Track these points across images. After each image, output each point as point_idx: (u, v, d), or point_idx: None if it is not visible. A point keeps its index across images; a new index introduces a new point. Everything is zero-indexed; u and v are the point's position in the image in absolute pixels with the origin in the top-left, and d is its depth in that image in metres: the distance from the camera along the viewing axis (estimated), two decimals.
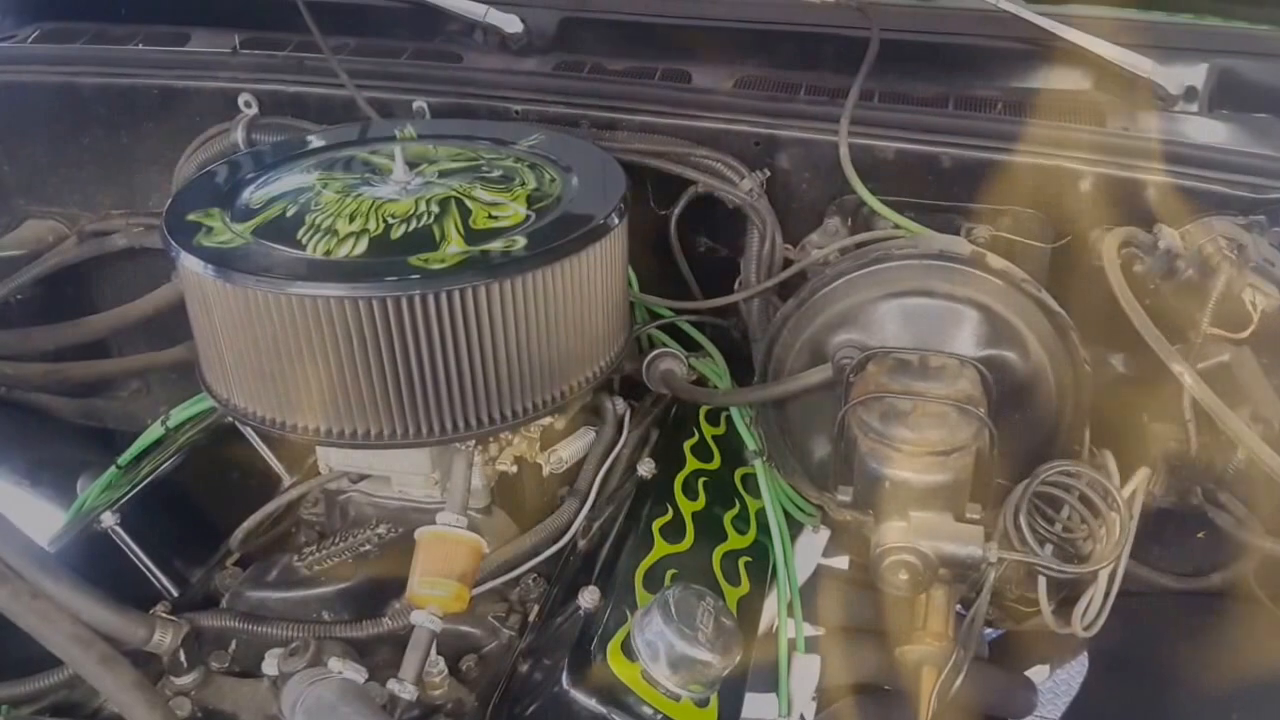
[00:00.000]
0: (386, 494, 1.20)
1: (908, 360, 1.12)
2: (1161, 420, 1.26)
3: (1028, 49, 1.51)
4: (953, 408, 1.04)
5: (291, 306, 0.99)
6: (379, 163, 1.26)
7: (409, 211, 1.11)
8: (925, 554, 1.00)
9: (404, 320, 1.00)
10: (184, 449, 1.37)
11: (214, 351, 1.10)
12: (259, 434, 1.31)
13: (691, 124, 1.48)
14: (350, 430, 1.06)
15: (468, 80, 1.59)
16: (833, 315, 1.23)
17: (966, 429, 1.04)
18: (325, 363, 1.02)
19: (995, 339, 1.18)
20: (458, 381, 1.05)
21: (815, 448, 1.30)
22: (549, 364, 1.10)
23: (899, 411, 1.05)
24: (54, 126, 1.74)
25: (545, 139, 1.35)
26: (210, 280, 1.03)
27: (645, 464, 1.27)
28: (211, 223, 1.11)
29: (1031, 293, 1.17)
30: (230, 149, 1.57)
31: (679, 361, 1.38)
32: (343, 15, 1.73)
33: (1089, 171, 1.32)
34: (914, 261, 1.20)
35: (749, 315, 1.48)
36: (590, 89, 1.55)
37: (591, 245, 1.10)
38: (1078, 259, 1.34)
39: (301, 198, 1.16)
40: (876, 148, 1.39)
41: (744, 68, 1.61)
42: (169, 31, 1.78)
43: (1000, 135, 1.36)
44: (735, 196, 1.44)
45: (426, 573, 1.01)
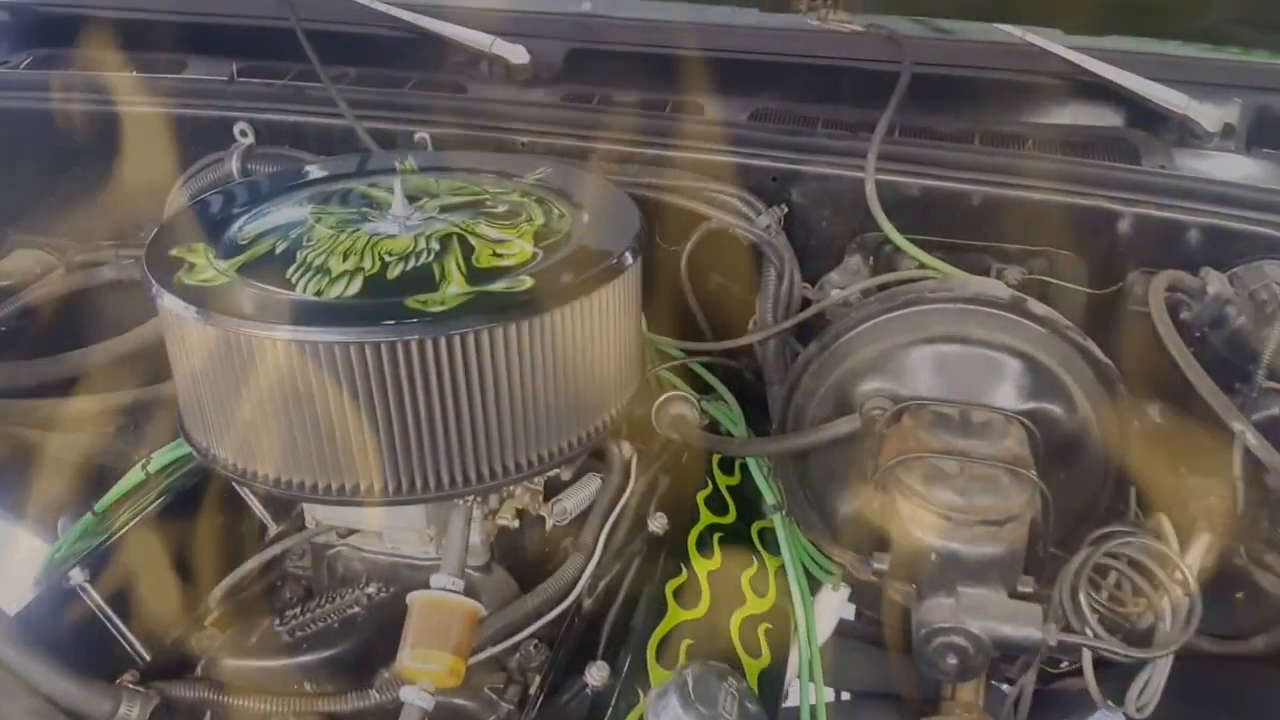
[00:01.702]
0: (377, 549, 1.12)
1: (948, 414, 1.02)
2: (1201, 474, 1.17)
3: (1055, 84, 1.44)
4: (1004, 470, 0.94)
5: (277, 352, 0.90)
6: (377, 196, 1.17)
7: (408, 249, 1.02)
8: (976, 636, 0.89)
9: (400, 367, 0.91)
10: (165, 495, 1.27)
11: (193, 397, 1.01)
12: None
13: (706, 158, 1.40)
14: (340, 485, 0.96)
15: (472, 111, 1.52)
16: (860, 361, 1.13)
17: (1020, 494, 0.93)
18: (313, 413, 0.93)
19: (1038, 391, 1.09)
20: (458, 433, 0.96)
21: (840, 503, 1.20)
22: (557, 413, 1.01)
23: (944, 474, 0.95)
24: (44, 154, 1.68)
25: (553, 172, 1.26)
26: (190, 321, 0.94)
27: (657, 518, 1.17)
28: (194, 259, 1.02)
29: (1076, 341, 1.08)
30: (224, 179, 1.49)
31: (690, 406, 1.29)
32: (344, 45, 1.67)
33: (1127, 211, 1.24)
34: (948, 305, 1.11)
35: (764, 357, 1.40)
36: (599, 121, 1.48)
37: (604, 286, 1.01)
38: (1112, 303, 1.25)
39: (293, 233, 1.07)
40: (901, 184, 1.31)
41: (758, 100, 1.54)
42: (165, 59, 1.73)
43: (1032, 172, 1.29)
44: (751, 233, 1.35)
45: (418, 644, 0.92)
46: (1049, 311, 1.11)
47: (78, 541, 1.26)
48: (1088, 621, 0.92)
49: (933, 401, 1.06)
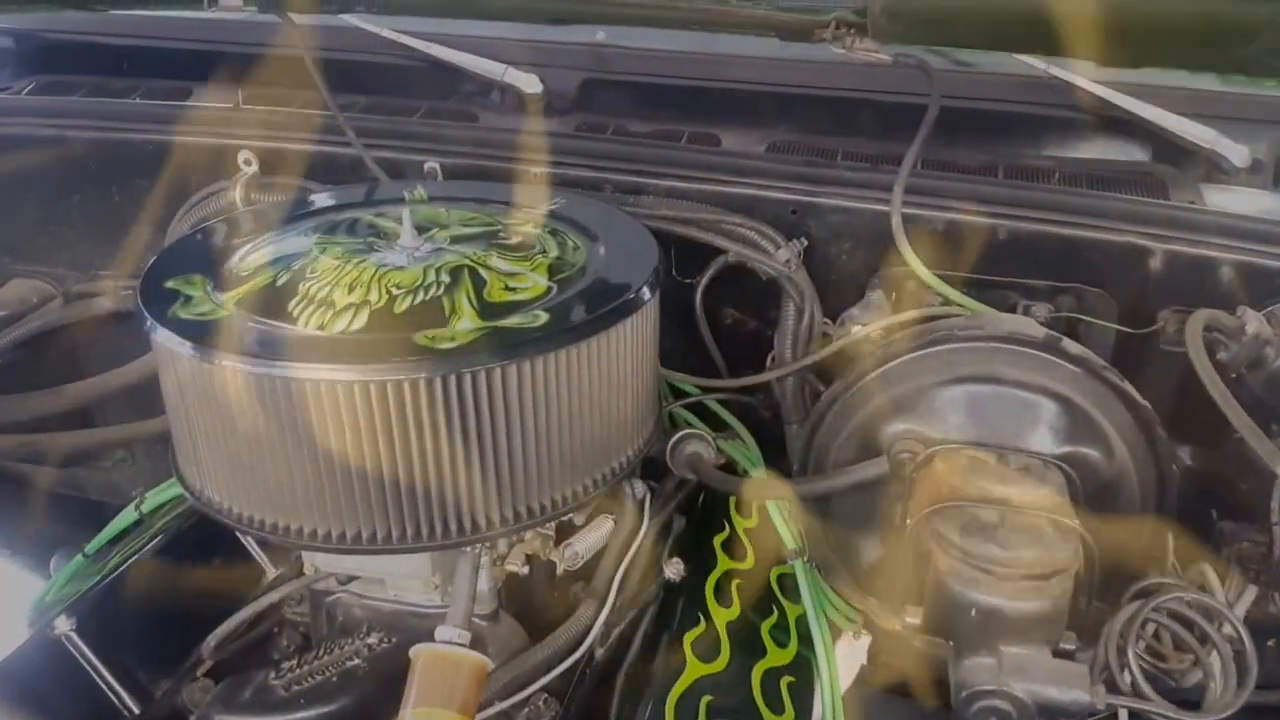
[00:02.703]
0: (380, 597, 1.06)
1: (983, 459, 0.96)
2: (1233, 519, 1.13)
3: (1078, 117, 1.41)
4: (1047, 521, 0.88)
5: (275, 390, 0.85)
6: (385, 226, 1.12)
7: (416, 281, 0.97)
8: (1021, 700, 0.83)
9: (407, 407, 0.86)
10: (158, 537, 1.22)
11: (188, 437, 0.95)
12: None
13: (723, 189, 1.36)
14: (341, 533, 0.91)
15: (484, 141, 1.48)
16: (887, 401, 1.08)
17: (1065, 546, 0.88)
18: (314, 455, 0.87)
19: (1075, 434, 1.03)
20: (467, 477, 0.90)
21: (864, 549, 1.14)
22: (571, 455, 0.96)
23: (984, 524, 0.89)
24: (44, 182, 1.65)
25: (567, 203, 1.21)
26: (184, 357, 0.89)
27: (673, 564, 1.11)
28: (192, 290, 0.96)
29: (1113, 382, 1.03)
30: (227, 208, 1.45)
31: (706, 444, 1.23)
32: (353, 73, 1.63)
33: (1159, 248, 1.20)
34: (979, 343, 1.06)
35: (782, 395, 1.35)
36: (613, 151, 1.44)
37: (621, 322, 0.96)
38: (1141, 342, 1.20)
39: (296, 264, 1.02)
40: (925, 218, 1.26)
41: (775, 132, 1.51)
42: (170, 86, 1.71)
43: (1060, 207, 1.25)
44: (770, 267, 1.30)
45: (421, 702, 0.86)
46: (1084, 351, 1.06)
47: (67, 585, 1.23)
48: (1138, 682, 0.85)
49: (966, 444, 1.00)
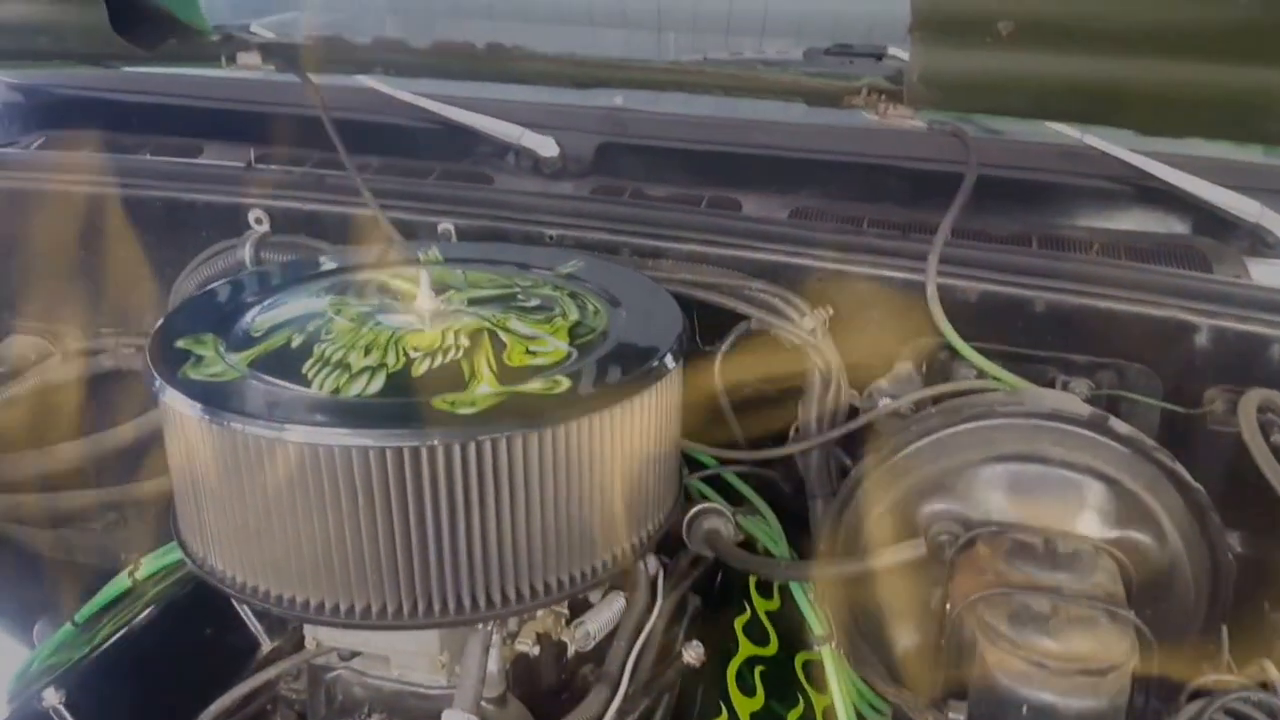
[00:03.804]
0: (383, 675, 1.03)
1: (1029, 543, 0.94)
2: None
3: (1115, 188, 1.41)
4: (1103, 611, 0.85)
5: (289, 454, 0.84)
6: (401, 288, 1.12)
7: (434, 344, 0.97)
8: None
9: (424, 475, 0.85)
10: (152, 606, 1.20)
11: (192, 501, 0.94)
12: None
13: (747, 255, 1.35)
14: (349, 606, 0.89)
15: (499, 203, 1.49)
16: (922, 479, 1.06)
17: (1122, 639, 0.85)
18: (324, 524, 0.86)
19: (1124, 518, 1.01)
20: (482, 550, 0.89)
21: (898, 635, 1.10)
22: (591, 528, 0.94)
23: (1035, 614, 0.86)
24: (48, 237, 1.65)
25: (585, 265, 1.22)
26: (195, 419, 0.88)
27: (692, 648, 1.08)
28: (203, 350, 0.96)
29: (1165, 463, 1.01)
30: (235, 267, 1.45)
31: (725, 520, 1.21)
32: (366, 134, 1.65)
33: (1205, 324, 1.19)
34: (1022, 420, 1.03)
35: (807, 469, 1.32)
36: (631, 214, 1.45)
37: (645, 389, 0.95)
38: (1187, 421, 1.18)
39: (310, 325, 1.02)
40: (958, 288, 1.26)
41: (799, 198, 1.52)
42: (180, 143, 1.72)
43: (1100, 279, 1.24)
44: (795, 335, 1.29)
45: None
46: (1134, 431, 1.04)
47: (54, 654, 1.20)
48: None
49: (1010, 528, 0.98)
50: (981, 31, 0.99)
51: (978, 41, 0.99)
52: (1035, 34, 0.99)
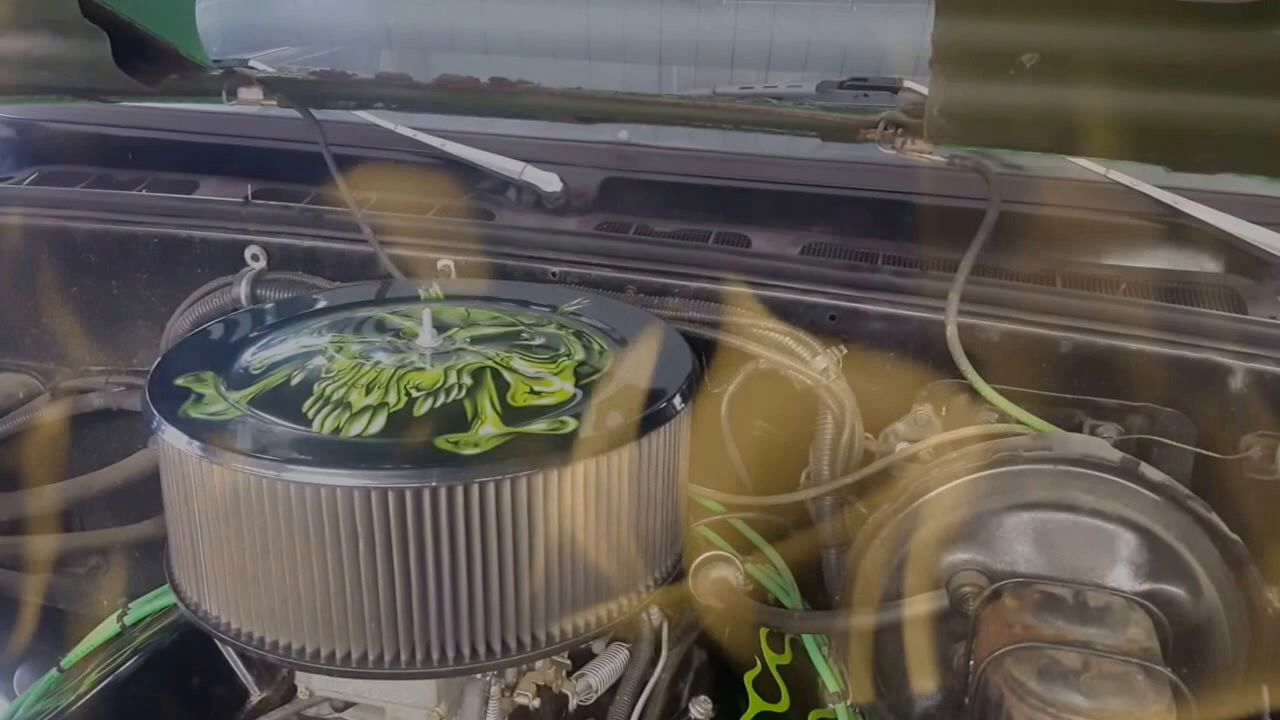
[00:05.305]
0: None
1: (1058, 595, 0.94)
2: None
3: (1143, 224, 1.40)
4: (1138, 667, 0.85)
5: (289, 495, 0.85)
6: (403, 325, 1.13)
7: (437, 383, 0.99)
8: None
9: (425, 517, 0.86)
10: (140, 652, 1.20)
11: (188, 544, 0.95)
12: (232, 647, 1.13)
13: (756, 293, 1.36)
14: (345, 653, 0.90)
15: (501, 239, 1.50)
16: (943, 527, 1.06)
17: (1159, 696, 0.84)
18: (322, 565, 0.87)
19: (1158, 570, 1.01)
20: (484, 597, 0.90)
21: (917, 693, 1.09)
22: (596, 575, 0.95)
23: (1065, 670, 0.86)
24: (40, 273, 1.67)
25: (590, 303, 1.23)
26: (193, 458, 0.90)
27: (700, 704, 1.08)
28: (203, 389, 0.98)
29: (1199, 513, 1.01)
30: (230, 305, 1.47)
31: (734, 569, 1.21)
32: (366, 170, 1.66)
33: (1240, 366, 1.19)
34: (1048, 465, 1.04)
35: (819, 516, 1.32)
36: (637, 251, 1.46)
37: (653, 431, 0.96)
38: (1222, 468, 1.18)
39: (310, 363, 1.04)
40: (979, 327, 1.26)
41: (810, 234, 1.51)
42: (176, 179, 1.73)
43: (1129, 319, 1.24)
44: (806, 376, 1.30)
45: None
46: (1166, 478, 1.04)
47: (39, 703, 1.20)
48: None
49: (1038, 580, 0.97)
50: (1005, 64, 0.99)
51: (1001, 74, 0.99)
52: (1060, 66, 0.98)
